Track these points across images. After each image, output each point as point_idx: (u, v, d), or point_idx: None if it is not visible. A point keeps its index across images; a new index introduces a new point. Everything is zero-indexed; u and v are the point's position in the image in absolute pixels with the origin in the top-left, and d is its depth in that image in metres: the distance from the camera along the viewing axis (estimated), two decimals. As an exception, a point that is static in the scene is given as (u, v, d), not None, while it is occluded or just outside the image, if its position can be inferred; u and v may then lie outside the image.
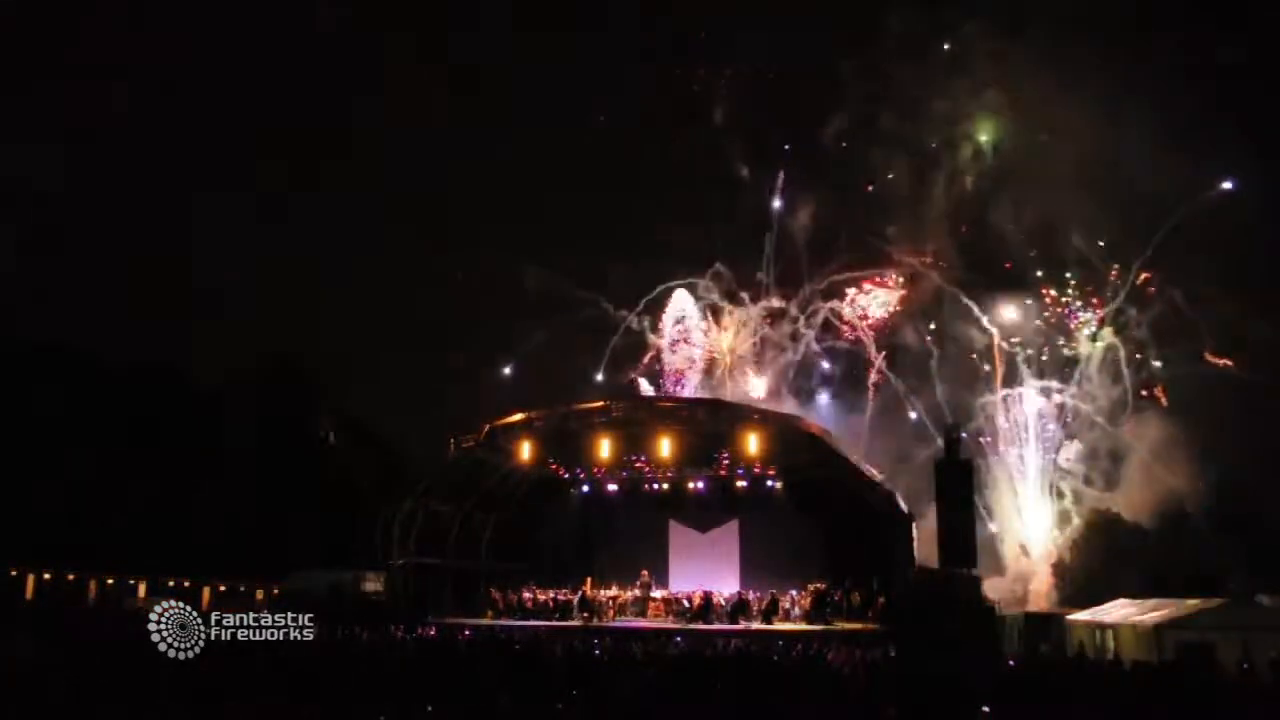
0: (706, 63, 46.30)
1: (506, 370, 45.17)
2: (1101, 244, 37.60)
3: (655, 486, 32.68)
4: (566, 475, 32.84)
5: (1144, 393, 36.53)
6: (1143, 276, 36.88)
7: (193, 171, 57.36)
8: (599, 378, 44.03)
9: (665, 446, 29.06)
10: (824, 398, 42.07)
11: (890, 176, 41.93)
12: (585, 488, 33.60)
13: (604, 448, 29.49)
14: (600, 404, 30.13)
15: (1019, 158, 39.66)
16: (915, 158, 41.44)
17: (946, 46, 41.01)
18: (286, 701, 10.91)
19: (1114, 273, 37.44)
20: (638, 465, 31.43)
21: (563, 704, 11.23)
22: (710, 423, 29.22)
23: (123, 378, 43.32)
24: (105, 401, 40.14)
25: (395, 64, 56.12)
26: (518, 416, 30.04)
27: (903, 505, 26.74)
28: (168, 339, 51.12)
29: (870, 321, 41.60)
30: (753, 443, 28.29)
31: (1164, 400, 35.94)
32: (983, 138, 40.76)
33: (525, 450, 29.56)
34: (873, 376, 40.74)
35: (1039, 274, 39.13)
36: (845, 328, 41.79)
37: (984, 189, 40.19)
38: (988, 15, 39.53)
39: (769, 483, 31.34)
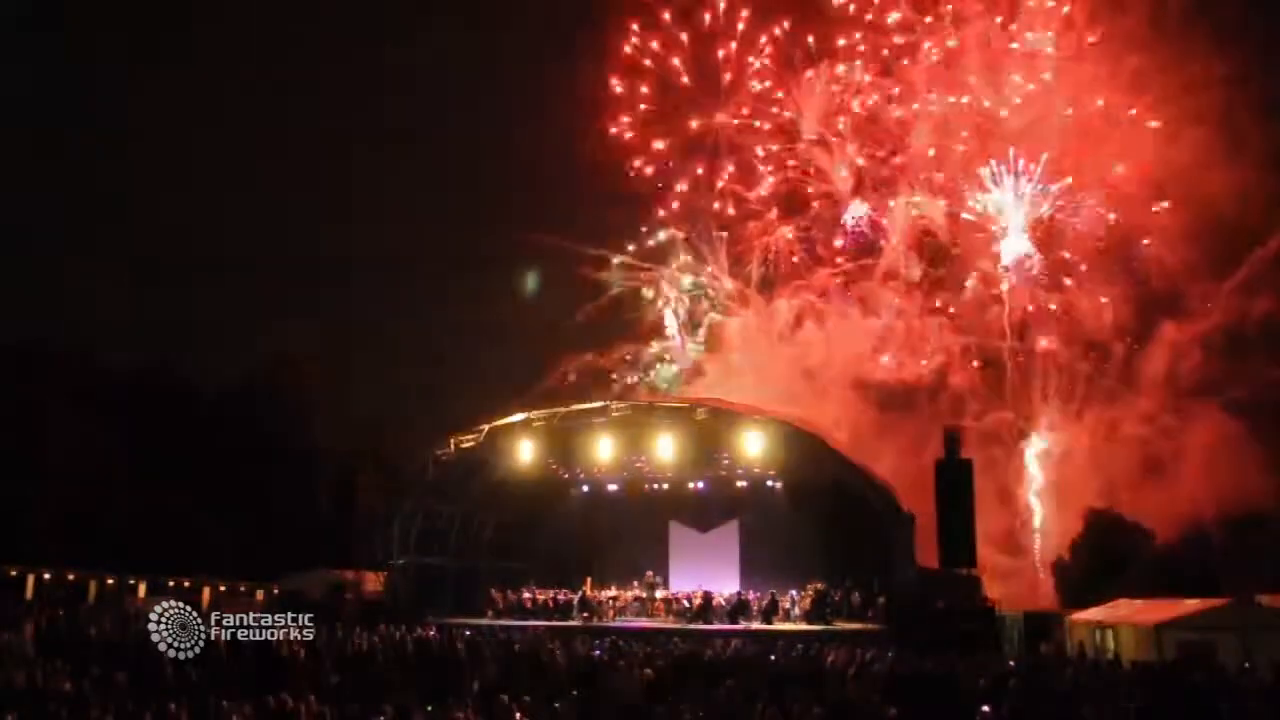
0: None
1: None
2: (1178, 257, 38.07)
3: (655, 486, 32.65)
4: (566, 475, 32.81)
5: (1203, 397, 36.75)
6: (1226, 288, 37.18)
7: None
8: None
9: (665, 446, 29.01)
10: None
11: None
12: (585, 488, 33.57)
13: (604, 448, 29.45)
14: (600, 404, 30.10)
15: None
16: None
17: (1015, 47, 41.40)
18: (287, 701, 10.89)
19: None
20: (638, 465, 31.39)
21: (563, 704, 11.22)
22: (710, 423, 29.21)
23: (123, 378, 43.32)
24: (105, 401, 40.11)
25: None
26: (518, 416, 30.03)
27: (903, 505, 26.73)
28: (168, 338, 51.25)
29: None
30: (753, 443, 28.28)
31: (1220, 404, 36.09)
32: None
33: (525, 450, 29.53)
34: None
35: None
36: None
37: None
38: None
39: (769, 483, 31.30)
